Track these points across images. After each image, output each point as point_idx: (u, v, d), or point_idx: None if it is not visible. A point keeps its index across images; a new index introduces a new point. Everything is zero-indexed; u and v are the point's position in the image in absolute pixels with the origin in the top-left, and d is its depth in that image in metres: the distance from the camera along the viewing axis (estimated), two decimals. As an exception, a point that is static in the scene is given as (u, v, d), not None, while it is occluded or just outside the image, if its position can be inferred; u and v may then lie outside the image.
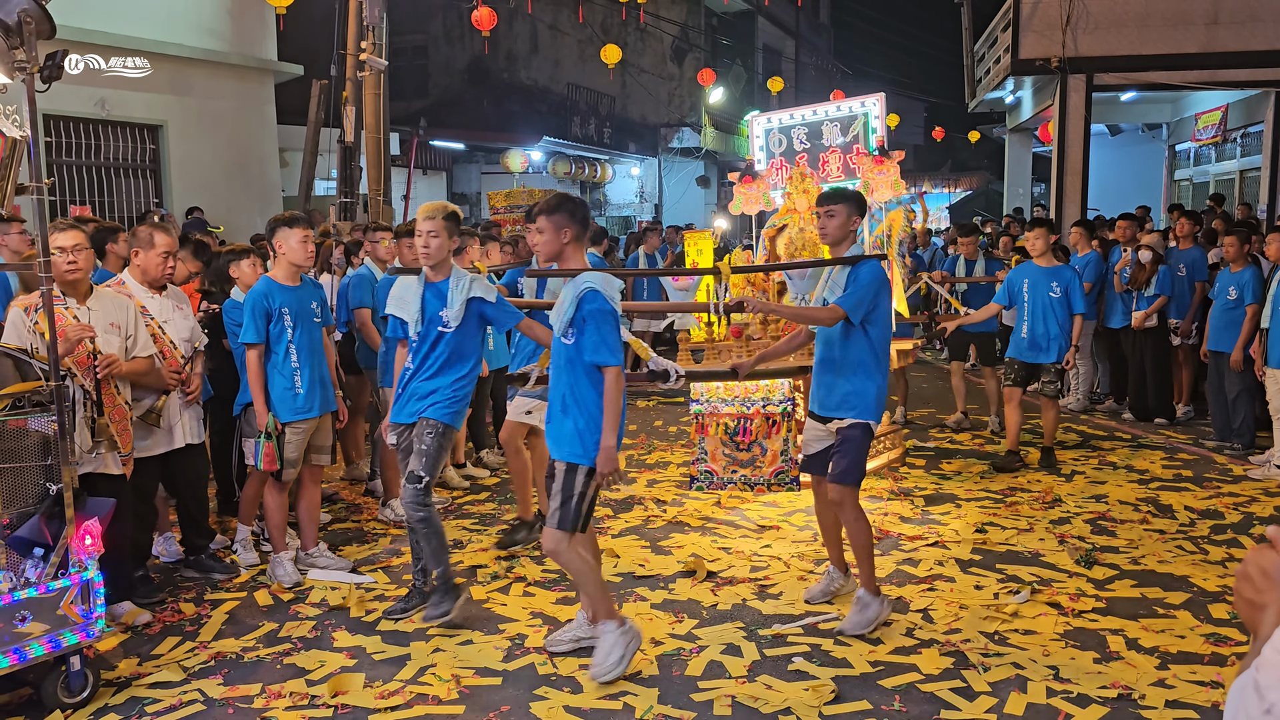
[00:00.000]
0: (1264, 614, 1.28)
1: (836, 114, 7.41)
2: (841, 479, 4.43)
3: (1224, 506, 6.32)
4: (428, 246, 4.50)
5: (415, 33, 25.01)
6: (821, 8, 37.31)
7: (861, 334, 4.44)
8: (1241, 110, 15.42)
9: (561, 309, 3.97)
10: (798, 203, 6.98)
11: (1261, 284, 7.35)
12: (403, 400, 4.62)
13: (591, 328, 3.87)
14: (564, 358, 3.98)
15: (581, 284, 3.93)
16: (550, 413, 4.07)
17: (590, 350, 3.88)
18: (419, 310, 4.54)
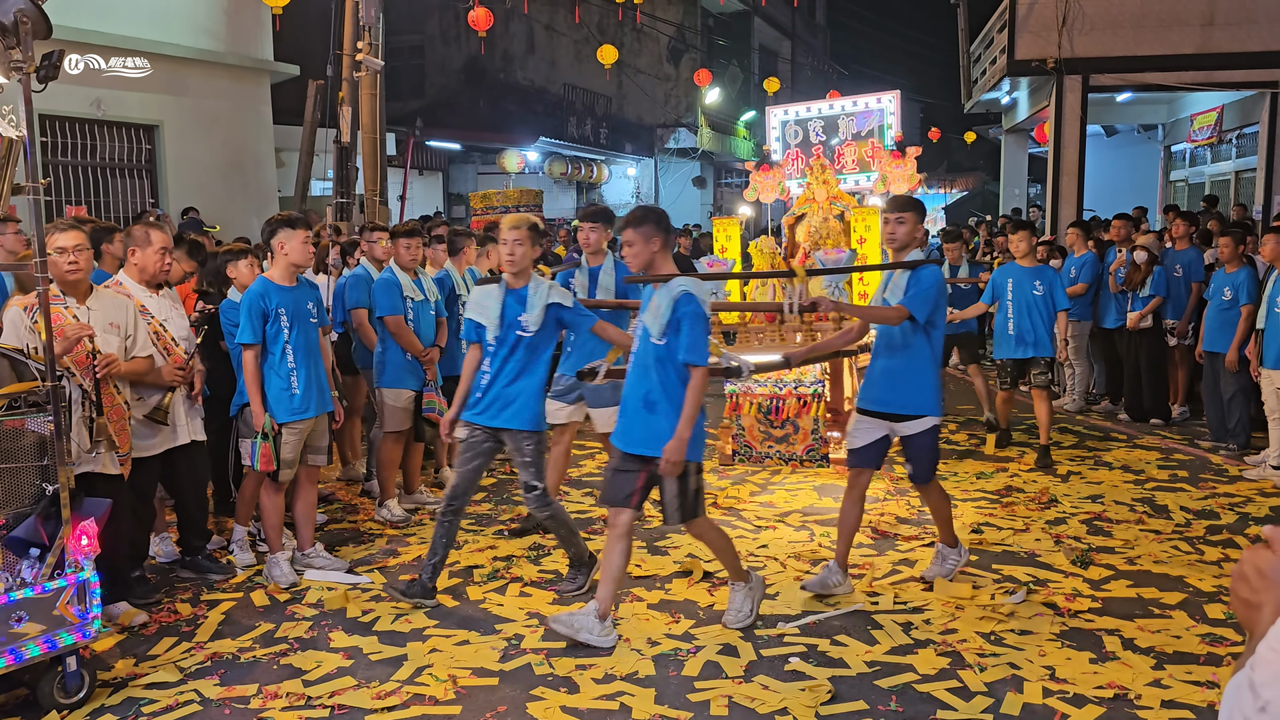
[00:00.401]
0: (1260, 613, 1.28)
1: (853, 109, 7.61)
2: (923, 480, 4.87)
3: (1219, 507, 6.33)
4: (513, 254, 4.70)
5: (411, 33, 24.99)
6: (818, 8, 37.35)
7: (923, 335, 4.68)
8: (1237, 111, 15.46)
9: (658, 312, 4.18)
10: (817, 193, 7.25)
11: (1256, 285, 7.36)
12: (484, 403, 4.77)
13: (686, 328, 4.12)
14: (653, 357, 4.21)
15: (676, 288, 4.17)
16: (630, 409, 4.29)
17: (685, 350, 4.12)
18: (499, 315, 4.71)
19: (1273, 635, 1.20)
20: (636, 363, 4.33)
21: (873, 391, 4.83)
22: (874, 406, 4.81)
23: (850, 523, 4.92)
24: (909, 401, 4.73)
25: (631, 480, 4.32)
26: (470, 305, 4.89)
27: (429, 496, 6.65)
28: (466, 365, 4.91)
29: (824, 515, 6.27)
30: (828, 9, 38.20)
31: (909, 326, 4.66)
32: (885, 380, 4.77)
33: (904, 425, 4.77)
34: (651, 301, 4.26)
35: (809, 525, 6.06)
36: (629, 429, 4.31)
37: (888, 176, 7.37)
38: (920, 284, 4.66)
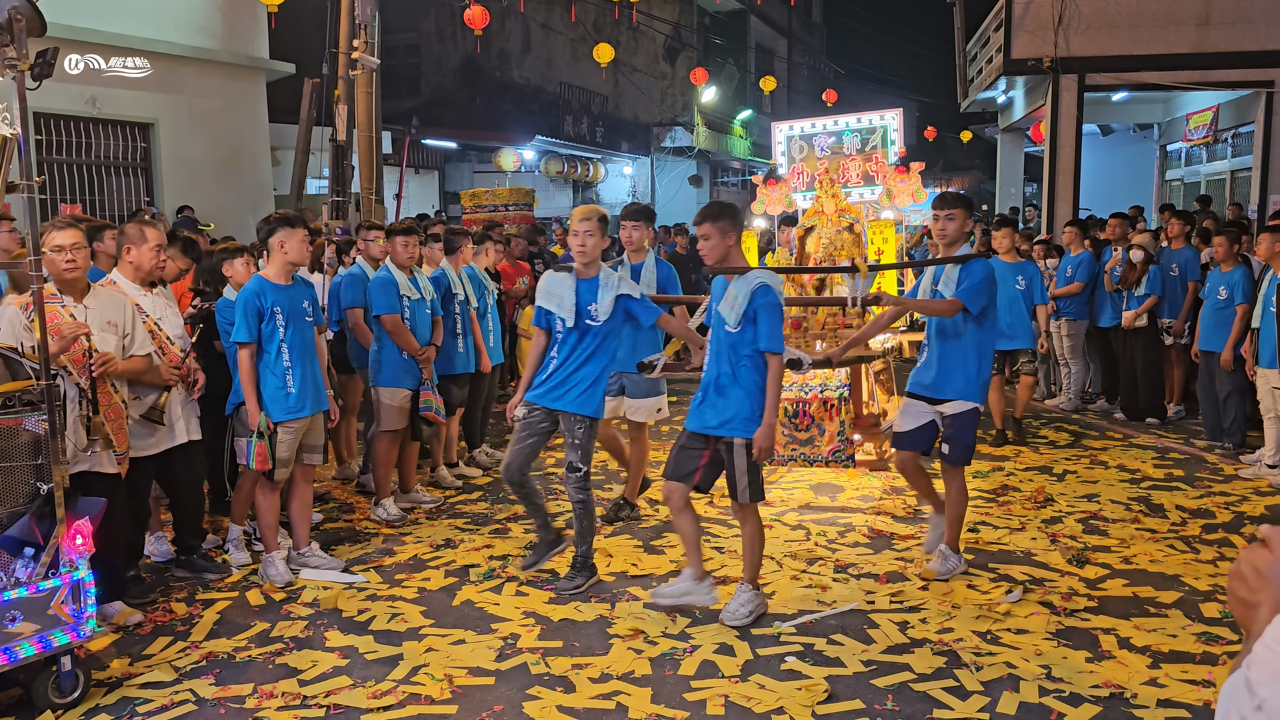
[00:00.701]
0: (1257, 613, 1.28)
1: (857, 125, 7.89)
2: (956, 462, 5.07)
3: (1215, 506, 6.34)
4: (584, 245, 4.86)
5: (407, 31, 24.96)
6: (814, 7, 37.34)
7: (975, 324, 4.94)
8: (1232, 111, 15.47)
9: (734, 302, 4.40)
10: (825, 205, 7.52)
11: (1252, 284, 7.37)
12: (548, 386, 4.92)
13: (764, 318, 4.36)
14: (726, 344, 4.45)
15: (754, 280, 4.41)
16: (705, 394, 4.54)
17: (764, 339, 4.37)
18: (574, 304, 4.85)
19: (1269, 634, 1.20)
20: (712, 350, 4.57)
21: (923, 377, 5.08)
22: (923, 391, 5.07)
23: (925, 488, 5.23)
24: (954, 387, 4.97)
25: (695, 458, 4.55)
26: (540, 293, 5.01)
27: (425, 495, 6.64)
28: (533, 350, 5.09)
29: (820, 514, 6.27)
30: (824, 8, 38.20)
31: (961, 317, 4.92)
32: (936, 366, 5.03)
33: (947, 406, 5.01)
34: (728, 292, 4.47)
35: (805, 525, 6.06)
36: (700, 411, 4.55)
37: (892, 190, 7.64)
38: (972, 276, 4.90)
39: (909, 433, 5.11)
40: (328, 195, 11.85)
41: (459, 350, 6.93)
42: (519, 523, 6.16)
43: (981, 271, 4.92)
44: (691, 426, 4.57)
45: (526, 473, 5.09)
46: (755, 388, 4.41)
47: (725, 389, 4.45)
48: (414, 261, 6.49)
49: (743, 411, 4.41)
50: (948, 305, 4.90)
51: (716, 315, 4.54)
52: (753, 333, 4.39)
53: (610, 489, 6.86)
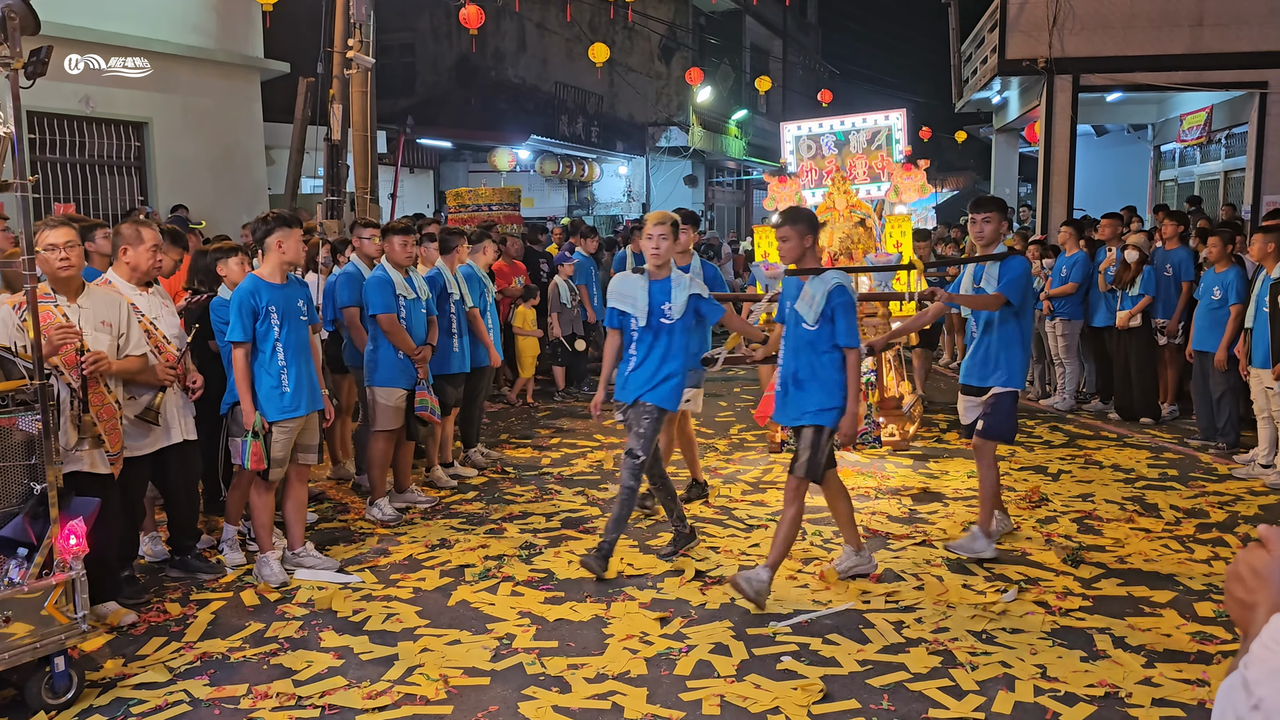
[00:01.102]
0: (1254, 613, 1.28)
1: (863, 125, 8.28)
2: (985, 434, 5.40)
3: (1209, 505, 6.35)
4: (658, 248, 5.15)
5: (402, 30, 24.91)
6: (809, 7, 37.38)
7: (1014, 316, 5.32)
8: (1226, 111, 15.50)
9: (812, 301, 4.72)
10: (837, 202, 8.00)
11: (1245, 284, 7.39)
12: (631, 384, 5.22)
13: (841, 316, 4.69)
14: (804, 341, 4.78)
15: (831, 281, 4.73)
16: (785, 389, 4.87)
17: (842, 335, 4.69)
18: (647, 304, 5.12)
19: (1266, 633, 1.20)
20: (787, 346, 4.89)
21: (972, 370, 5.51)
22: (973, 382, 5.50)
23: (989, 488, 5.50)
24: (998, 375, 5.38)
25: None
26: (612, 294, 5.29)
27: (420, 495, 6.63)
28: (608, 350, 5.38)
29: (814, 515, 6.27)
30: (819, 8, 38.23)
31: (1004, 309, 5.29)
32: (981, 357, 5.45)
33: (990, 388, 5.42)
34: (804, 291, 4.80)
35: (800, 524, 6.05)
36: (785, 405, 4.90)
37: (900, 186, 8.07)
38: (1012, 272, 5.29)
39: (968, 426, 5.61)
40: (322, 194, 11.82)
41: (454, 350, 6.92)
42: (514, 523, 6.16)
43: (1019, 267, 5.32)
44: (784, 421, 5.00)
45: (662, 465, 5.47)
46: (833, 382, 4.73)
47: (804, 383, 4.77)
48: (412, 261, 6.48)
49: (819, 403, 4.74)
50: (992, 299, 5.28)
51: (793, 313, 4.83)
52: (830, 330, 4.71)
53: (606, 489, 6.86)
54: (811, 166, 8.37)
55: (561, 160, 22.09)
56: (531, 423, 9.24)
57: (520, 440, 8.47)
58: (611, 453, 7.90)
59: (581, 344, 10.58)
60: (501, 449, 8.09)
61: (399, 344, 6.17)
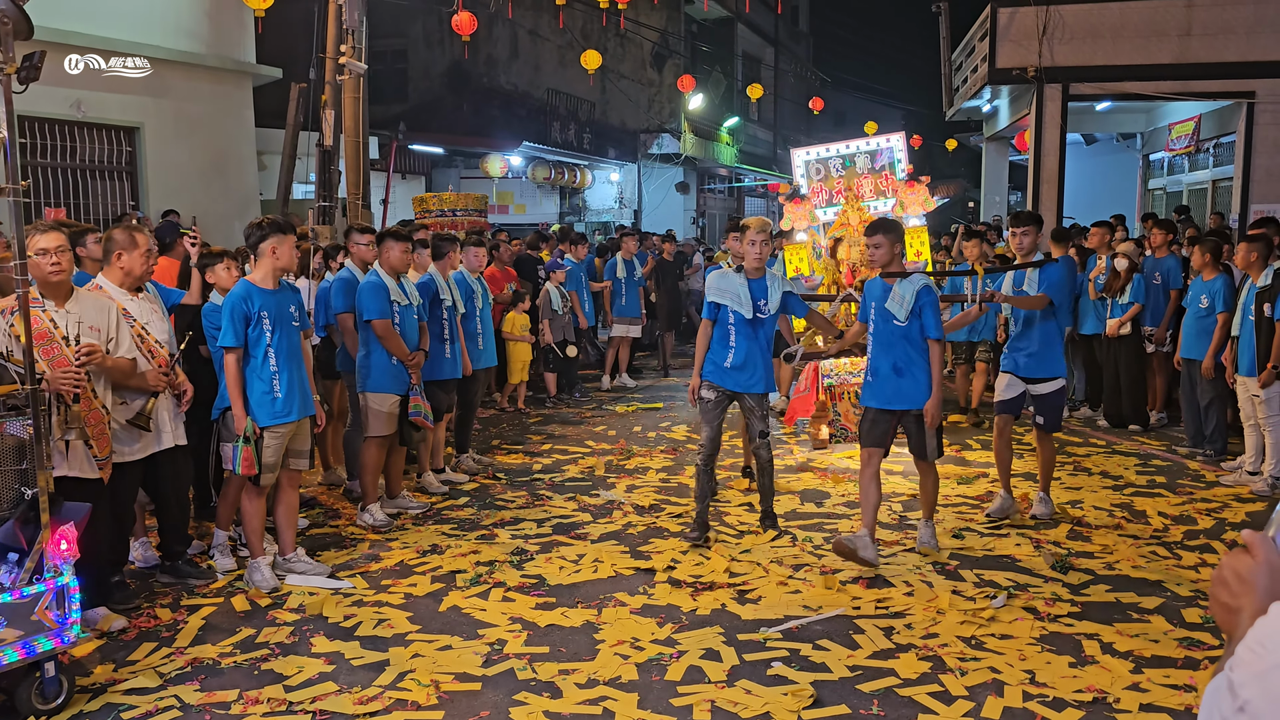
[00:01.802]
0: (1239, 617, 1.30)
1: (866, 147, 9.21)
2: (1048, 429, 6.25)
3: (1197, 512, 6.39)
4: (760, 252, 5.86)
5: (395, 36, 24.91)
6: (801, 15, 37.48)
7: (1054, 315, 6.07)
8: (1214, 121, 15.60)
9: (903, 301, 5.43)
10: (850, 218, 8.84)
11: (1232, 292, 7.44)
12: (732, 370, 5.86)
13: (929, 313, 5.41)
14: (898, 335, 5.46)
15: (919, 282, 5.47)
16: (881, 376, 5.51)
17: (931, 329, 5.42)
18: (750, 299, 5.79)
19: (1252, 636, 1.22)
20: (879, 341, 5.54)
21: (1017, 360, 6.20)
22: (1018, 371, 6.19)
23: (1004, 460, 6.31)
24: (1044, 367, 6.12)
25: (885, 427, 5.53)
26: (711, 290, 5.94)
27: (411, 501, 6.63)
28: (700, 339, 5.99)
29: (805, 520, 6.29)
30: (811, 16, 38.33)
31: (1047, 309, 6.04)
32: (1022, 350, 6.18)
33: (1039, 386, 6.16)
34: (894, 292, 5.48)
35: (791, 530, 6.07)
36: (881, 390, 5.51)
37: (905, 202, 8.95)
38: (1051, 276, 6.08)
39: (1003, 402, 6.27)
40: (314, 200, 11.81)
41: (446, 356, 6.92)
42: (505, 528, 6.16)
43: (1058, 271, 6.11)
44: (877, 404, 5.53)
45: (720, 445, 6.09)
46: (923, 370, 5.43)
47: (903, 371, 5.44)
48: (407, 266, 6.49)
49: (922, 388, 5.41)
50: (1038, 300, 6.05)
51: (884, 310, 5.49)
52: (919, 325, 5.40)
53: (597, 494, 6.87)
54: (821, 187, 9.17)
55: (553, 167, 22.08)
56: (523, 429, 9.24)
57: (512, 446, 8.47)
58: (602, 459, 7.91)
59: (573, 350, 10.59)
60: (493, 455, 8.10)
61: (393, 349, 6.17)
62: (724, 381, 5.88)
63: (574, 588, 5.14)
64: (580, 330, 10.82)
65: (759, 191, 33.70)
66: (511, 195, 23.49)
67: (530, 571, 5.38)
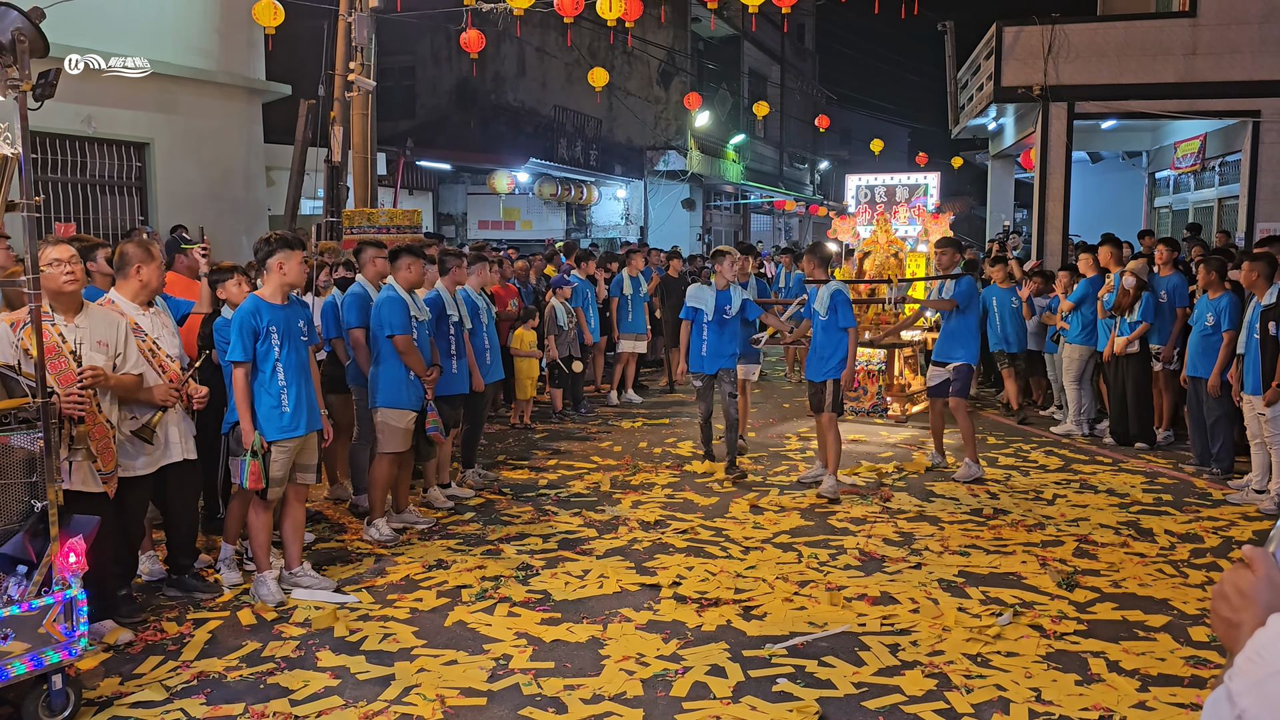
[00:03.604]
0: (1240, 632, 1.31)
1: (906, 181, 11.94)
2: (959, 394, 7.91)
3: (1203, 530, 6.38)
4: (732, 273, 7.91)
5: (403, 54, 25.09)
6: (807, 33, 37.65)
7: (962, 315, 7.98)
8: (1220, 139, 15.62)
9: (823, 301, 7.33)
10: (879, 237, 11.02)
11: (1239, 311, 7.43)
12: (706, 360, 7.77)
13: (842, 308, 7.32)
14: (819, 326, 7.42)
15: (832, 288, 7.37)
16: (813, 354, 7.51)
17: (846, 319, 7.32)
18: (716, 305, 7.73)
19: (1250, 646, 1.23)
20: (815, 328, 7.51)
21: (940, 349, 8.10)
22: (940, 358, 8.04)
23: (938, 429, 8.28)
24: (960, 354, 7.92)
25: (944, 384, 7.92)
26: (690, 298, 7.86)
27: (418, 516, 6.64)
28: (682, 335, 7.96)
29: (811, 537, 6.29)
30: (817, 34, 38.50)
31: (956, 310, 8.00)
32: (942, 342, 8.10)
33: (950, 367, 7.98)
34: (818, 294, 7.48)
35: (796, 547, 6.07)
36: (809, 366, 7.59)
37: (929, 230, 11.05)
38: (960, 285, 7.95)
39: (933, 387, 8.08)
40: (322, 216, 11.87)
41: (453, 371, 6.95)
42: (511, 544, 6.17)
43: (965, 284, 7.90)
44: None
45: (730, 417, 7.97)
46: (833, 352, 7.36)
47: (822, 354, 7.39)
48: (422, 282, 6.52)
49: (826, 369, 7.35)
50: (947, 303, 7.93)
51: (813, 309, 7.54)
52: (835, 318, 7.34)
53: (603, 510, 6.87)
54: (866, 208, 11.53)
55: (560, 183, 22.17)
56: (529, 444, 9.25)
57: (517, 461, 8.49)
58: (608, 474, 7.93)
59: (579, 365, 10.61)
60: (499, 470, 8.11)
61: (413, 365, 6.19)
62: (703, 367, 7.80)
63: (579, 603, 5.15)
64: (585, 346, 10.84)
65: (764, 208, 33.78)
66: (518, 211, 23.57)
67: (536, 587, 5.38)
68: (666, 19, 24.15)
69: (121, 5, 11.87)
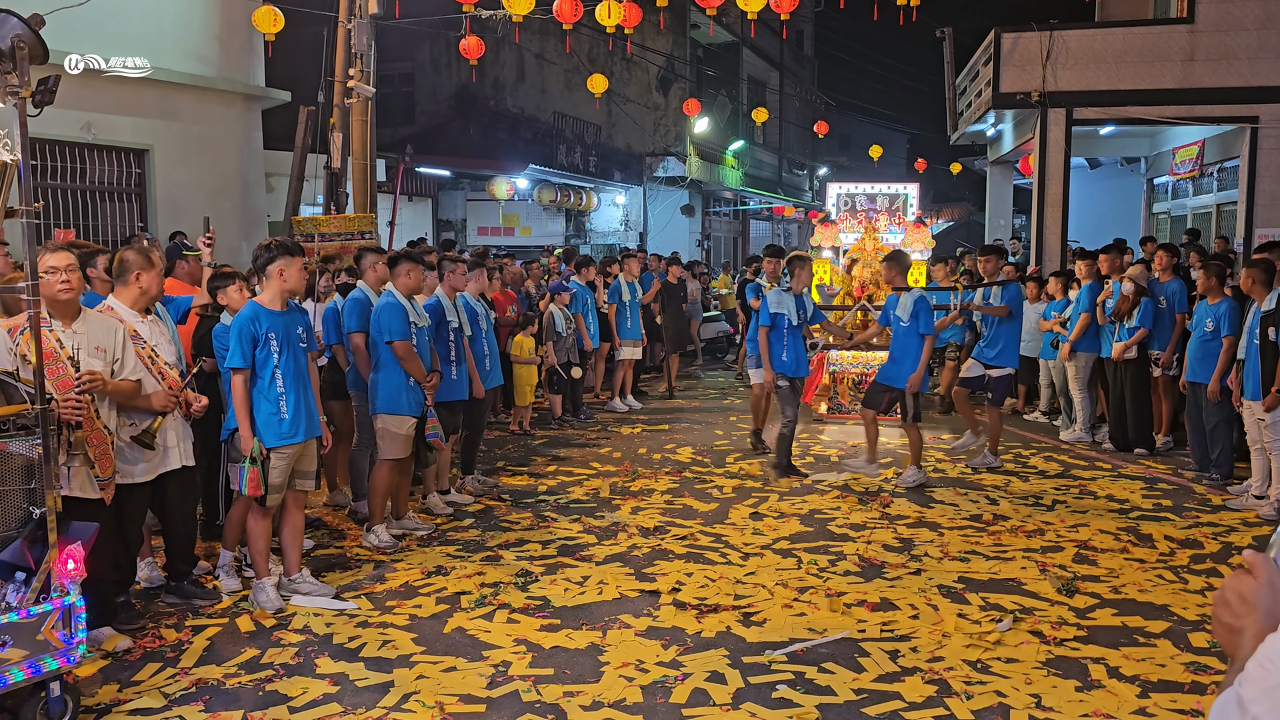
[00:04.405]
0: (1241, 638, 1.31)
1: (887, 190, 12.48)
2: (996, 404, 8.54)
3: (1203, 536, 6.37)
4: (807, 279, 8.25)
5: (403, 60, 25.11)
6: (805, 40, 37.69)
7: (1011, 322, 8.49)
8: (1218, 145, 15.64)
9: (906, 308, 7.73)
10: (867, 245, 11.21)
11: (1238, 316, 7.44)
12: (789, 363, 7.97)
13: (922, 315, 7.72)
14: (898, 332, 7.82)
15: (915, 294, 7.77)
16: (890, 360, 7.91)
17: (926, 326, 7.72)
18: (797, 310, 8.01)
19: (1262, 652, 1.23)
20: (894, 334, 7.94)
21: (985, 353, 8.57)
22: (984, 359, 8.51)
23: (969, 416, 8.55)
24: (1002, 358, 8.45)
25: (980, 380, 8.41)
26: (772, 303, 7.97)
27: (417, 522, 6.63)
28: (763, 341, 8.01)
29: (811, 543, 6.28)
30: (815, 41, 38.54)
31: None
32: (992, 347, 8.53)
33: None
34: (900, 300, 7.86)
35: (796, 553, 6.07)
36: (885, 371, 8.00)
37: (911, 239, 11.35)
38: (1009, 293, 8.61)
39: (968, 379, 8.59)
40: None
41: (453, 378, 6.94)
42: (510, 550, 6.16)
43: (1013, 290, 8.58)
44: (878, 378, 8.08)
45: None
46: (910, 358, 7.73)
47: (898, 359, 7.79)
48: (421, 288, 6.53)
49: (903, 374, 7.71)
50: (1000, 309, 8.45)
51: (893, 315, 7.86)
52: (915, 324, 7.74)
53: (602, 516, 6.87)
54: (846, 216, 11.91)
55: (559, 189, 22.17)
56: (528, 450, 9.25)
57: (517, 468, 8.48)
58: (607, 480, 7.92)
59: (578, 372, 10.61)
60: (498, 476, 8.10)
61: (412, 371, 6.19)
62: (798, 370, 8.06)
63: (579, 609, 5.14)
64: (584, 352, 10.84)
65: (764, 214, 33.80)
66: (518, 217, 23.57)
67: (535, 593, 5.38)
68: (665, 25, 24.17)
69: (121, 11, 11.88)
